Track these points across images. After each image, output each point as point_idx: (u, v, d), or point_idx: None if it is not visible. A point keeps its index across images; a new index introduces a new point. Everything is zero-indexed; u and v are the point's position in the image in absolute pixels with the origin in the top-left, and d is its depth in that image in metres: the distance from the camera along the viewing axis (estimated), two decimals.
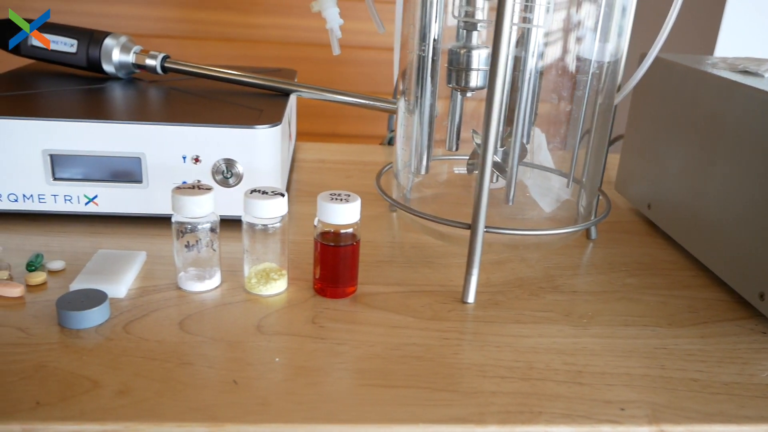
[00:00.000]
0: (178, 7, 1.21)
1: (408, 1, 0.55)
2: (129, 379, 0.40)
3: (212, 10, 1.23)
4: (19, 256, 0.54)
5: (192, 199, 0.48)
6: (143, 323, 0.46)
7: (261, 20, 1.24)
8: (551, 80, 0.54)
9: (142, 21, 1.21)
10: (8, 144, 0.57)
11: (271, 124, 0.59)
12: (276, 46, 1.27)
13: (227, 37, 1.26)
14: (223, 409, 0.38)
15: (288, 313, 0.48)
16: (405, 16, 0.56)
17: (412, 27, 0.54)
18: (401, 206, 0.56)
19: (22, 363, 0.41)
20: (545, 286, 0.55)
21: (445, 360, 0.44)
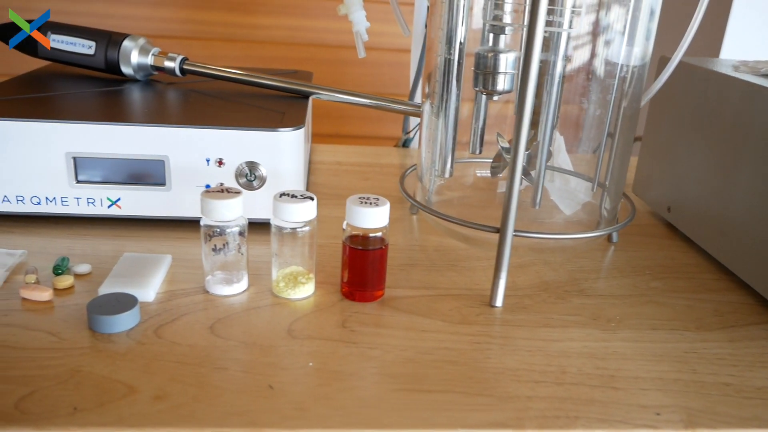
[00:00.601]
0: (182, 8, 1.21)
1: (434, 5, 0.55)
2: (164, 384, 0.40)
3: (217, 11, 1.23)
4: (44, 259, 0.54)
5: (222, 203, 0.47)
6: (174, 327, 0.46)
7: (265, 21, 1.24)
8: (577, 84, 0.54)
9: (146, 21, 1.21)
10: (32, 146, 0.56)
11: (294, 126, 0.59)
12: (280, 46, 1.27)
13: (232, 37, 1.26)
14: (261, 415, 0.38)
15: (317, 317, 0.48)
16: (431, 19, 0.56)
17: (440, 30, 0.54)
18: (429, 210, 0.56)
19: (56, 368, 0.41)
20: (571, 289, 0.55)
21: (478, 364, 0.44)
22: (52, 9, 1.14)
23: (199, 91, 0.72)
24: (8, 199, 0.58)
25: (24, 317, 0.46)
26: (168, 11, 1.20)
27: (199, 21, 1.24)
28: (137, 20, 1.19)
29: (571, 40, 0.51)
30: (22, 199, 0.58)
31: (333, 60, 1.29)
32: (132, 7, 1.17)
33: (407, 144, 0.92)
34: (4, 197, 0.58)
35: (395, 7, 0.56)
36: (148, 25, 1.22)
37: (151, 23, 1.20)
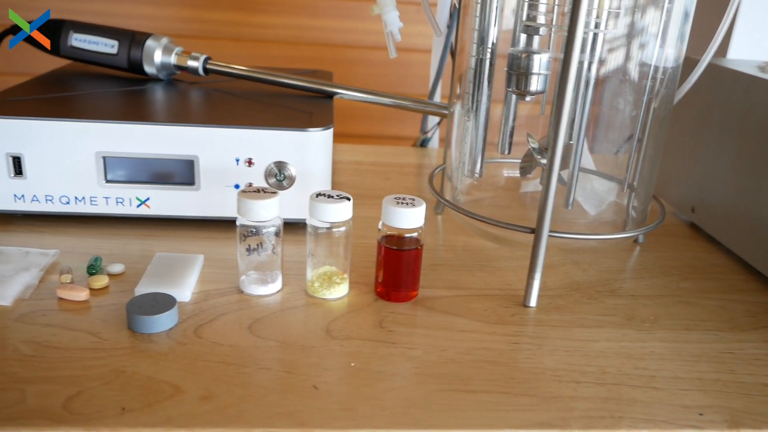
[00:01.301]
0: (187, 7, 1.20)
1: (467, 6, 0.55)
2: (210, 384, 0.40)
3: (222, 10, 1.22)
4: (75, 258, 0.54)
5: (259, 203, 0.47)
6: (213, 327, 0.46)
7: (271, 20, 1.24)
8: (609, 85, 0.54)
9: (151, 20, 1.20)
10: (62, 146, 0.56)
11: (324, 126, 0.59)
12: (286, 46, 1.27)
13: (237, 36, 1.26)
14: (309, 415, 0.38)
15: (354, 317, 0.48)
16: (463, 21, 0.56)
17: (473, 32, 0.54)
18: (463, 211, 0.56)
19: (101, 368, 0.41)
20: (602, 290, 0.55)
21: (519, 365, 0.44)
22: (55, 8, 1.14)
23: (222, 90, 0.72)
24: (37, 199, 0.58)
25: (62, 317, 0.46)
26: (173, 10, 1.20)
27: (204, 20, 1.23)
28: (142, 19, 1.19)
29: (605, 42, 0.51)
30: (51, 198, 0.58)
31: (338, 59, 1.29)
32: (137, 6, 1.17)
33: (425, 144, 0.92)
34: (33, 197, 0.58)
35: (426, 8, 0.56)
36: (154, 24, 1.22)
37: (156, 22, 1.20)
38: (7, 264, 0.51)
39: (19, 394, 0.38)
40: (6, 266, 0.51)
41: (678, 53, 0.53)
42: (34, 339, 0.43)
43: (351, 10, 1.25)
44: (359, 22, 1.25)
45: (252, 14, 1.24)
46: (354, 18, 1.25)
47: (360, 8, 1.25)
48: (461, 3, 0.57)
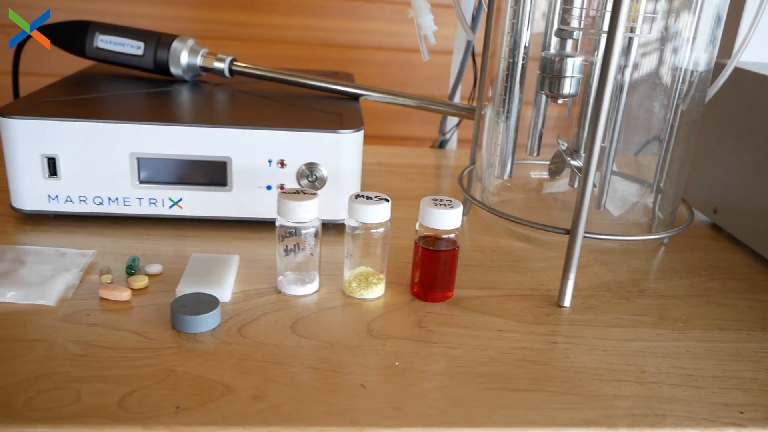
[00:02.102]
0: (194, 7, 1.21)
1: (498, 10, 0.56)
2: (259, 383, 0.40)
3: (228, 10, 1.23)
4: (111, 259, 0.54)
5: (300, 204, 0.48)
6: (256, 327, 0.46)
7: (277, 20, 1.24)
8: (642, 88, 0.55)
9: (158, 20, 1.21)
10: (97, 147, 0.57)
11: (355, 128, 0.59)
12: (292, 46, 1.27)
13: (243, 36, 1.26)
14: (361, 414, 0.38)
15: (393, 317, 0.49)
16: (496, 24, 0.57)
17: (505, 35, 0.55)
18: (497, 212, 0.57)
19: (151, 367, 0.41)
20: (632, 290, 0.56)
21: (559, 364, 0.45)
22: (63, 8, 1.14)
23: (248, 92, 0.73)
24: (71, 199, 0.59)
25: (107, 317, 0.46)
26: (179, 10, 1.20)
27: (210, 20, 1.24)
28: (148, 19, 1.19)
29: (639, 46, 0.52)
30: (85, 199, 0.59)
31: (344, 60, 1.30)
32: (143, 6, 1.17)
33: (443, 145, 0.93)
34: (67, 197, 0.58)
35: (459, 11, 0.57)
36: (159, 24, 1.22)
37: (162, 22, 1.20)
38: (46, 264, 0.51)
39: (74, 393, 0.38)
40: (46, 267, 0.51)
41: (710, 57, 0.54)
42: (81, 338, 0.43)
43: (356, 11, 1.25)
44: (364, 22, 1.26)
45: (257, 14, 1.24)
46: (359, 18, 1.25)
47: (365, 9, 1.25)
48: (492, 7, 0.58)
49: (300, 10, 1.25)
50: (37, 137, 0.56)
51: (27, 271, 0.50)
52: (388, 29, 1.28)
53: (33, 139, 0.56)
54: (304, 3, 1.24)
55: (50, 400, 0.38)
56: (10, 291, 0.47)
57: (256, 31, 1.25)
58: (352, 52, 1.30)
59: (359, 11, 1.26)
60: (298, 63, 1.28)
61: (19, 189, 0.58)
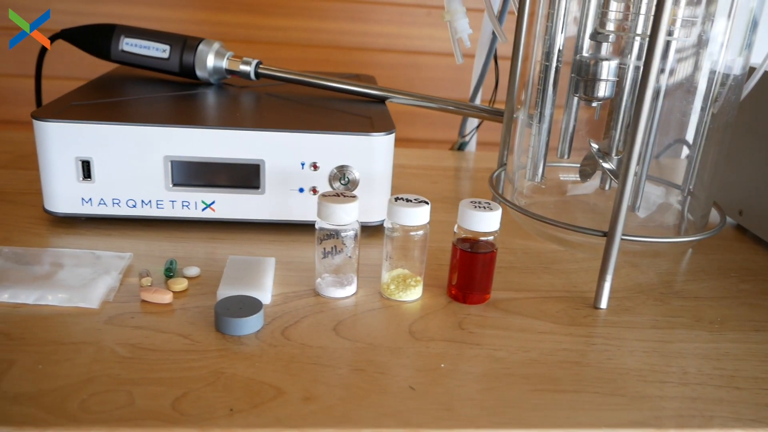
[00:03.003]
0: (199, 9, 1.21)
1: (532, 14, 0.56)
2: (309, 385, 0.41)
3: (234, 13, 1.23)
4: (145, 261, 0.54)
5: (341, 207, 0.48)
6: (299, 329, 0.46)
7: (282, 23, 1.25)
8: (677, 92, 0.55)
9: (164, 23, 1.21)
10: (130, 150, 0.57)
11: (386, 131, 0.60)
12: (297, 48, 1.27)
13: (249, 39, 1.27)
14: (413, 415, 0.39)
15: (433, 319, 0.49)
16: (530, 28, 0.57)
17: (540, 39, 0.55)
18: (532, 214, 0.57)
19: (200, 370, 0.41)
20: (666, 291, 0.56)
21: (602, 365, 0.45)
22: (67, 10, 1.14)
23: (274, 94, 0.73)
24: (104, 202, 0.59)
25: (150, 320, 0.46)
26: (185, 12, 1.20)
27: (216, 22, 1.24)
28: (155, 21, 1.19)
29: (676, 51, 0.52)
30: (118, 202, 0.59)
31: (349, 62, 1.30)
32: (150, 9, 1.17)
33: (463, 147, 0.93)
34: (100, 200, 0.59)
35: (492, 15, 0.57)
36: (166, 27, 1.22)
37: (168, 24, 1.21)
38: (85, 267, 0.51)
39: (127, 395, 0.39)
40: (85, 269, 0.51)
41: (745, 61, 0.54)
42: (128, 341, 0.44)
43: (362, 13, 1.25)
44: (370, 24, 1.26)
45: (263, 17, 1.25)
46: (365, 21, 1.26)
47: (371, 11, 1.26)
48: (524, 11, 0.58)
49: (306, 12, 1.25)
50: (72, 140, 0.56)
51: (67, 274, 0.50)
52: (394, 31, 1.28)
53: (68, 143, 0.56)
54: (309, 5, 1.25)
55: (104, 403, 0.38)
56: (52, 294, 0.47)
57: (261, 33, 1.26)
58: (357, 54, 1.31)
59: (365, 13, 1.26)
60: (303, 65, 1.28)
61: (53, 192, 0.58)
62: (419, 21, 1.29)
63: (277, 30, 1.26)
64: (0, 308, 0.46)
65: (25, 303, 0.47)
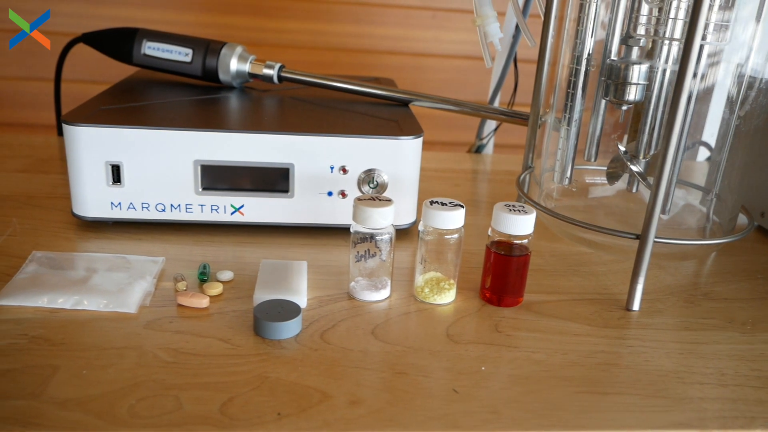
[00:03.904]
0: (206, 12, 1.21)
1: (562, 18, 0.56)
2: (354, 389, 0.41)
3: (241, 15, 1.23)
4: (178, 265, 0.54)
5: (377, 211, 0.48)
6: (337, 333, 0.47)
7: (289, 25, 1.25)
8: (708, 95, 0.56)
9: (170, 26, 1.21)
10: (161, 154, 0.57)
11: (415, 135, 0.60)
12: (303, 51, 1.28)
13: (255, 41, 1.27)
14: (460, 418, 0.39)
15: (469, 322, 0.49)
16: (559, 33, 0.58)
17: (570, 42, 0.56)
18: (565, 218, 0.57)
19: (244, 374, 0.41)
20: (695, 293, 0.56)
21: (640, 367, 0.45)
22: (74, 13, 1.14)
23: (297, 98, 0.73)
24: (134, 207, 0.59)
25: (189, 324, 0.46)
26: (192, 15, 1.21)
27: (222, 25, 1.24)
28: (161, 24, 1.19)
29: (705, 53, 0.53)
30: (148, 206, 0.59)
31: (355, 64, 1.31)
32: (156, 11, 1.17)
33: (480, 150, 0.94)
34: (130, 204, 0.59)
35: (521, 20, 0.58)
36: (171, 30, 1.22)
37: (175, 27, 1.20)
38: (119, 272, 0.52)
39: (175, 400, 0.39)
40: (120, 274, 0.51)
41: None
42: (169, 346, 0.44)
43: (368, 15, 1.26)
44: (375, 27, 1.27)
45: (269, 19, 1.25)
46: (371, 23, 1.26)
47: (377, 13, 1.26)
48: (550, 15, 0.58)
49: (312, 14, 1.25)
50: (102, 145, 0.56)
51: (101, 279, 0.50)
52: (400, 34, 1.29)
53: (98, 147, 0.57)
54: (315, 8, 1.25)
55: (153, 408, 0.38)
56: (89, 298, 0.47)
57: (268, 35, 1.26)
58: (363, 57, 1.31)
59: (371, 16, 1.26)
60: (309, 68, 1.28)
61: (82, 196, 0.58)
62: (425, 23, 1.30)
63: (283, 32, 1.26)
64: (38, 313, 0.46)
65: (63, 308, 0.47)
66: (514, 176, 0.85)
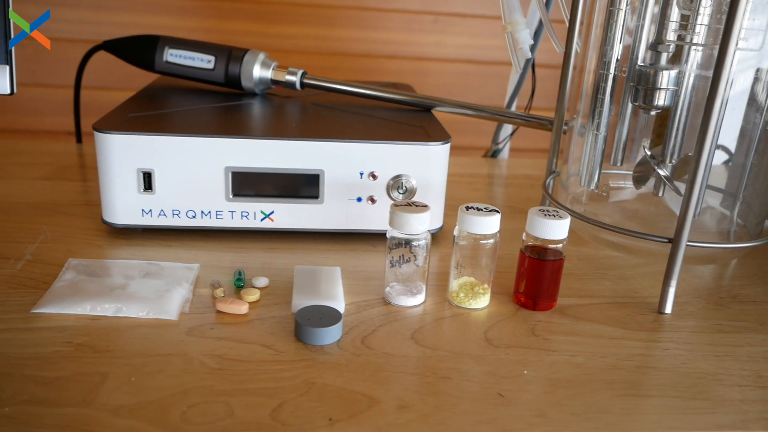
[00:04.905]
0: (207, 17, 1.21)
1: (590, 24, 0.57)
2: (401, 393, 0.41)
3: (242, 20, 1.24)
4: (211, 272, 0.55)
5: (415, 216, 0.49)
6: (377, 338, 0.47)
7: (291, 30, 1.25)
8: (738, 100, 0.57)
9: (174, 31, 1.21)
10: (193, 161, 0.57)
11: (443, 140, 0.60)
12: (305, 55, 1.28)
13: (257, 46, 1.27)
14: (507, 422, 0.39)
15: (505, 326, 0.50)
16: (587, 39, 0.58)
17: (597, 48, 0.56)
18: (593, 221, 0.58)
19: (291, 380, 0.42)
20: (724, 296, 0.57)
21: (678, 369, 0.46)
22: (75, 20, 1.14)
23: (320, 104, 0.73)
24: (164, 213, 0.59)
25: (230, 331, 0.47)
26: (194, 20, 1.21)
27: (224, 30, 1.24)
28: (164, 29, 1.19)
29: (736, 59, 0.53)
30: (178, 213, 0.59)
31: (358, 68, 1.31)
32: (159, 17, 1.17)
33: (496, 154, 0.94)
34: (160, 211, 0.59)
35: (548, 25, 0.58)
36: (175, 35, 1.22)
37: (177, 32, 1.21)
38: (156, 279, 0.52)
39: (226, 406, 0.39)
40: (157, 281, 0.51)
41: None
42: (213, 352, 0.44)
43: (370, 20, 1.26)
44: (377, 32, 1.27)
45: (271, 24, 1.25)
46: (373, 28, 1.27)
47: (379, 18, 1.26)
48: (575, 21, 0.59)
49: (313, 19, 1.26)
50: (134, 152, 0.57)
51: (139, 286, 0.51)
52: (402, 38, 1.29)
53: (130, 154, 0.57)
54: (317, 13, 1.26)
55: (205, 414, 0.38)
56: (129, 305, 0.48)
57: (269, 41, 1.26)
58: (365, 61, 1.32)
59: (372, 20, 1.27)
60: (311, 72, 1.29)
61: (113, 203, 0.59)
62: (426, 28, 1.30)
63: (285, 38, 1.26)
64: (80, 320, 0.47)
65: (104, 315, 0.47)
66: (532, 180, 0.86)
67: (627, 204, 0.71)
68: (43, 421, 0.37)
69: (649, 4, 0.55)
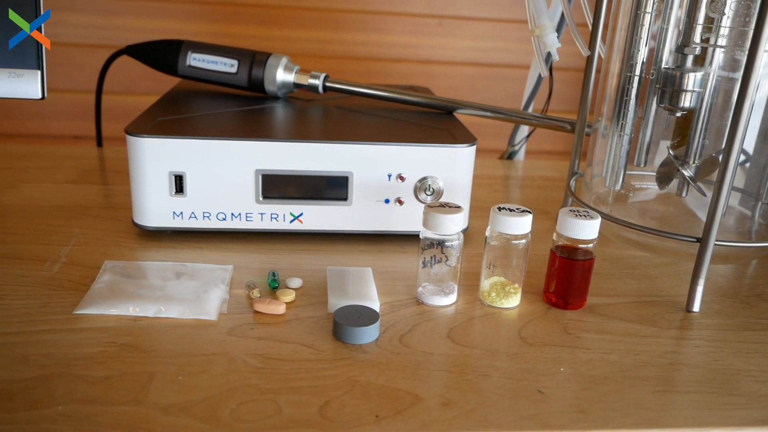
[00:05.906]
0: (213, 21, 1.22)
1: (614, 28, 0.58)
2: (443, 391, 0.42)
3: (248, 24, 1.24)
4: (243, 273, 0.55)
5: (449, 217, 0.50)
6: (414, 337, 0.48)
7: (295, 33, 1.26)
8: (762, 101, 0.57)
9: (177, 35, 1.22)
10: (224, 164, 0.58)
11: (469, 143, 0.61)
12: (311, 59, 1.29)
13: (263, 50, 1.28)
14: (549, 418, 0.40)
15: (538, 324, 0.51)
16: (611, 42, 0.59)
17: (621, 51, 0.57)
18: (620, 221, 0.59)
19: (334, 378, 0.42)
20: (749, 294, 0.58)
21: (711, 366, 0.47)
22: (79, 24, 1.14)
23: (343, 107, 0.74)
24: (195, 216, 0.60)
25: (270, 330, 0.47)
26: (199, 24, 1.22)
27: (230, 34, 1.25)
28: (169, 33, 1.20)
29: None
30: (209, 215, 0.60)
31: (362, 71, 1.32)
32: (164, 21, 1.18)
33: (512, 156, 0.95)
34: (191, 214, 0.60)
35: (573, 29, 0.59)
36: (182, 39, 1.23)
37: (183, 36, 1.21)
38: (193, 280, 0.52)
39: (273, 404, 0.40)
40: (192, 282, 0.52)
41: None
42: (255, 352, 0.45)
43: (374, 23, 1.27)
44: (382, 35, 1.28)
45: (276, 28, 1.26)
46: (378, 31, 1.28)
47: (383, 21, 1.27)
48: (598, 23, 0.60)
49: (319, 23, 1.27)
50: (166, 155, 0.57)
51: (176, 287, 0.51)
52: (407, 41, 1.30)
53: (162, 157, 0.58)
54: (322, 16, 1.26)
55: (254, 412, 0.39)
56: (169, 306, 0.48)
57: (274, 44, 1.27)
58: (370, 64, 1.33)
59: (378, 24, 1.28)
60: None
61: (145, 206, 0.59)
62: (431, 31, 1.31)
63: (290, 41, 1.27)
64: (121, 321, 0.47)
65: (144, 316, 0.48)
66: (550, 182, 0.87)
67: (646, 204, 0.72)
68: (98, 419, 0.37)
69: (673, 7, 0.56)
